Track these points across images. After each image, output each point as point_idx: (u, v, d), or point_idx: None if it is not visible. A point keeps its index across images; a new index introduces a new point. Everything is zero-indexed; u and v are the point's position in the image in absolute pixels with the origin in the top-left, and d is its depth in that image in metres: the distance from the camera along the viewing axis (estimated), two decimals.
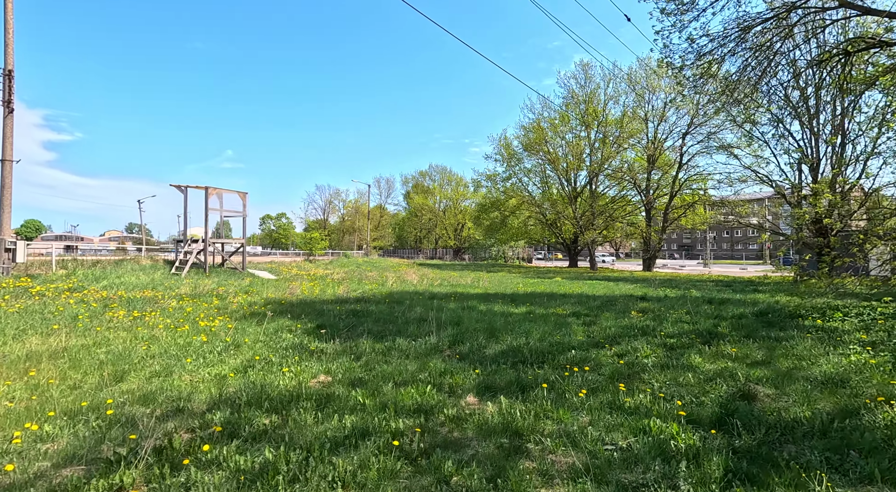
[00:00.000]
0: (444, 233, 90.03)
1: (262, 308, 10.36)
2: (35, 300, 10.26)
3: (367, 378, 5.02)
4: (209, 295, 12.24)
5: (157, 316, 9.04)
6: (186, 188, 18.91)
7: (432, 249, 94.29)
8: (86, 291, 11.85)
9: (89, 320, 8.34)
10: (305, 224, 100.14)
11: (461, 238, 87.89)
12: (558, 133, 44.25)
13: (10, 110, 12.66)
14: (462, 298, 12.65)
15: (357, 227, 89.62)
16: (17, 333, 7.25)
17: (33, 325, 7.83)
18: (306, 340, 7.03)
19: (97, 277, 14.20)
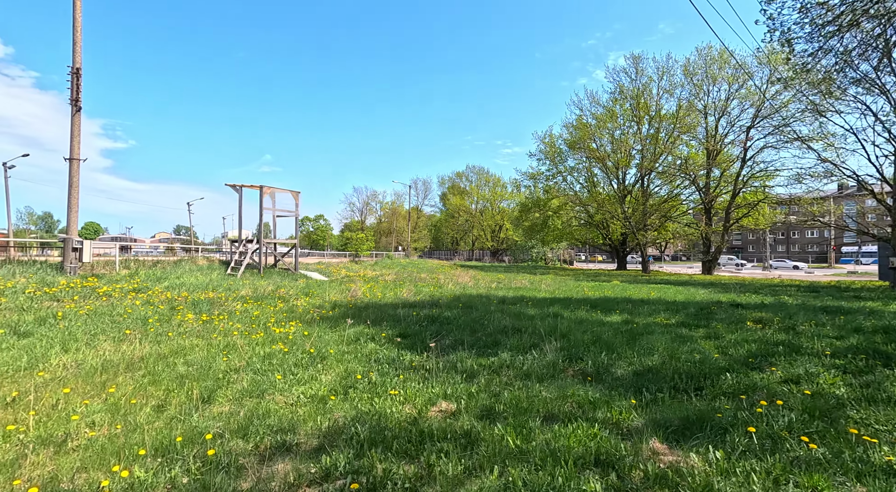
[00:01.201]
0: (481, 234, 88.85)
1: (330, 312, 9.66)
2: (103, 301, 9.96)
3: (499, 408, 4.06)
4: (271, 297, 11.70)
5: (225, 320, 8.48)
6: (241, 187, 18.73)
7: (469, 251, 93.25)
8: (150, 292, 11.56)
9: (159, 324, 7.83)
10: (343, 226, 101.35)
11: (499, 239, 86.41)
12: (606, 129, 42.32)
13: (77, 109, 12.65)
14: (538, 304, 11.57)
15: (394, 228, 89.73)
16: (90, 338, 6.77)
17: (104, 329, 7.36)
18: (396, 352, 6.17)
19: (158, 278, 14.03)
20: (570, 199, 48.16)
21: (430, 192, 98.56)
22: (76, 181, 12.85)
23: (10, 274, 11.26)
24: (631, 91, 40.11)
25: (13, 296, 9.34)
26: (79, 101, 12.68)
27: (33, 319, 7.83)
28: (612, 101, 42.43)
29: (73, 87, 12.56)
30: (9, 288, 9.97)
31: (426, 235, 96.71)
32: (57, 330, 7.18)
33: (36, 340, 6.53)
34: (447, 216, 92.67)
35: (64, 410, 4.04)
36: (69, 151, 12.74)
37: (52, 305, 9.23)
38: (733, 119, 35.29)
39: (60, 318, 7.94)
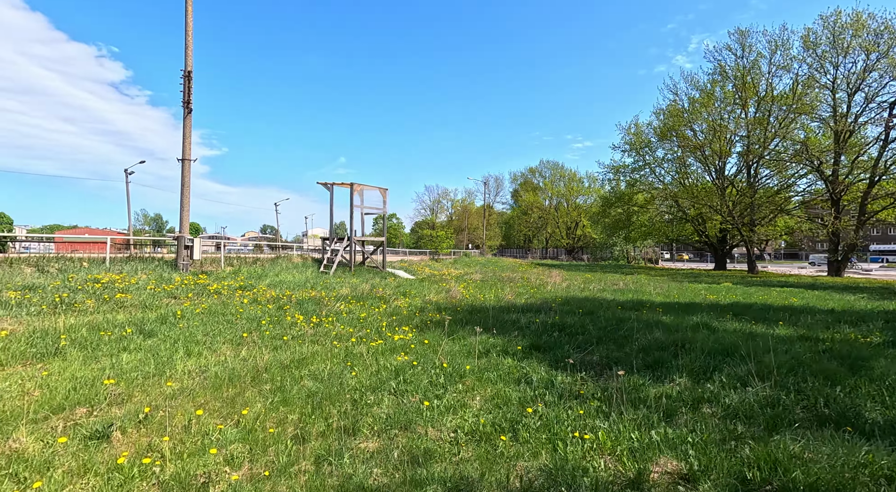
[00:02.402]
0: (555, 231, 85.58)
1: (437, 315, 8.87)
2: (214, 299, 10.01)
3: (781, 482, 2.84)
4: (371, 297, 11.22)
5: (334, 322, 7.98)
6: (333, 185, 18.83)
7: (542, 249, 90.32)
8: (255, 290, 11.60)
9: (272, 327, 7.47)
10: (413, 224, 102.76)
11: (574, 237, 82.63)
12: (703, 115, 38.16)
13: (189, 110, 13.16)
14: (668, 310, 9.95)
15: (466, 225, 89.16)
16: (209, 340, 6.48)
17: (221, 330, 7.10)
18: (546, 372, 5.12)
19: (259, 275, 14.27)
20: (658, 193, 44.25)
21: (503, 189, 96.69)
22: (188, 181, 13.39)
23: (134, 271, 11.85)
24: (734, 71, 35.76)
25: (137, 293, 9.63)
26: (190, 103, 13.18)
27: (155, 317, 7.82)
28: (712, 84, 38.20)
29: (185, 89, 13.06)
30: (133, 285, 10.36)
31: (497, 233, 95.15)
32: (178, 330, 7.03)
33: (160, 341, 6.35)
34: (519, 213, 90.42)
35: (198, 434, 3.48)
36: (181, 152, 13.29)
37: (171, 303, 9.36)
38: (871, 94, 29.97)
39: (180, 317, 7.88)
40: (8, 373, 4.93)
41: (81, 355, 5.58)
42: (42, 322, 7.06)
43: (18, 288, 8.78)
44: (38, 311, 7.58)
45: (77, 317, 7.55)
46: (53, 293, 8.70)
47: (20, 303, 7.89)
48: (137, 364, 5.30)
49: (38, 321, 7.08)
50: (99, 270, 11.45)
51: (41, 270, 10.72)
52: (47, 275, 10.37)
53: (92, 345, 5.97)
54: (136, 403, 4.15)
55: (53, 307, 7.87)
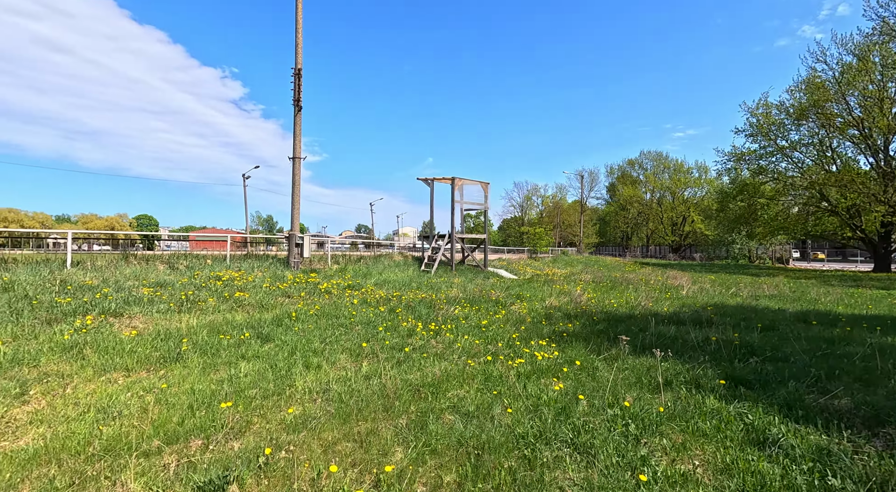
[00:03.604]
0: (658, 228, 78.29)
1: (569, 324, 7.46)
2: (325, 299, 9.62)
3: None
4: (485, 300, 10.12)
5: (454, 331, 6.97)
6: (433, 181, 18.17)
7: (642, 247, 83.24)
8: (363, 289, 11.13)
9: (390, 334, 6.65)
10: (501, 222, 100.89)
11: (681, 233, 74.74)
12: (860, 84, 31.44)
13: (299, 108, 13.24)
14: (886, 327, 7.44)
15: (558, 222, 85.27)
16: (326, 349, 5.79)
17: (337, 336, 6.43)
18: (785, 428, 3.50)
19: (364, 274, 13.96)
20: (794, 181, 37.69)
21: (598, 183, 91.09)
22: (298, 179, 13.49)
23: (251, 268, 12.09)
24: None
25: (254, 291, 9.56)
26: (300, 101, 13.24)
27: (271, 318, 7.45)
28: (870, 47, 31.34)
29: (296, 87, 13.14)
30: (250, 283, 10.40)
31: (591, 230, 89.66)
32: (293, 334, 6.51)
33: (276, 348, 5.79)
34: (617, 208, 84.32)
35: None
36: (292, 150, 13.42)
37: (285, 302, 9.10)
38: None
39: (295, 319, 7.42)
40: (132, 380, 4.56)
41: (201, 362, 5.15)
42: (168, 321, 6.97)
43: (152, 285, 9.09)
44: (167, 309, 7.60)
45: (199, 316, 7.43)
46: (180, 290, 8.85)
47: (151, 300, 8.03)
48: (255, 377, 4.68)
49: (165, 320, 7.01)
50: (221, 267, 11.81)
51: (172, 268, 11.26)
52: (177, 272, 10.83)
53: (211, 350, 5.57)
54: (255, 434, 3.39)
55: (179, 305, 7.89)
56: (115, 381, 4.55)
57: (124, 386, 4.41)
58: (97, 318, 6.70)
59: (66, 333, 5.77)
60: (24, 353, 4.94)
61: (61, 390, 4.20)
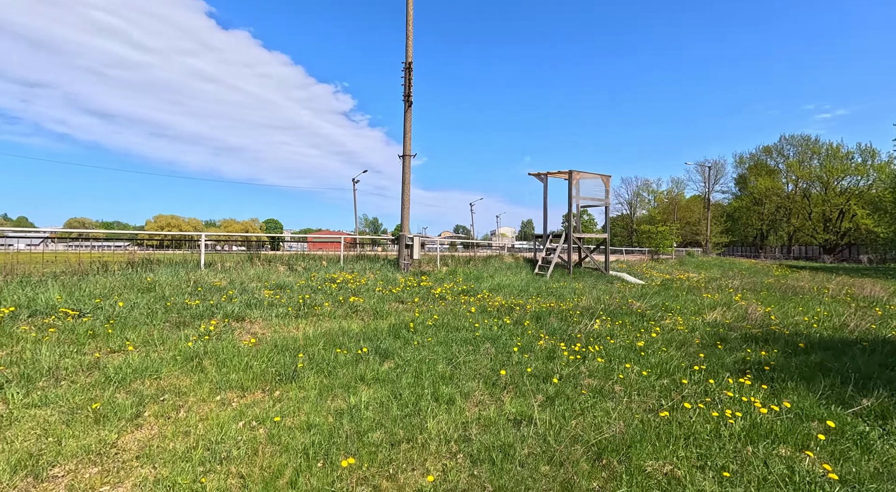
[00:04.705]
0: (803, 224, 66.38)
1: (762, 352, 5.55)
2: (441, 305, 8.77)
3: None
4: (625, 312, 8.44)
5: (605, 353, 5.54)
6: (547, 176, 16.63)
7: (782, 247, 71.28)
8: (479, 295, 10.12)
9: (526, 357, 5.44)
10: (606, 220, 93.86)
11: (837, 231, 62.30)
12: None
13: (409, 104, 12.76)
14: None
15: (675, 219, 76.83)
16: (455, 373, 4.78)
17: (464, 357, 5.40)
18: None
19: (476, 277, 12.99)
20: None
21: (723, 174, 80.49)
22: (408, 177, 13.02)
23: (363, 270, 11.83)
24: None
25: (367, 295, 9.07)
26: (410, 96, 12.74)
27: (387, 328, 6.72)
28: None
29: (406, 82, 12.67)
30: (363, 285, 10.00)
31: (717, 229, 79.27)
32: (412, 349, 5.64)
33: (398, 369, 4.94)
34: (748, 203, 73.46)
35: None
36: (402, 148, 12.99)
37: (399, 308, 8.42)
38: None
39: (413, 330, 6.60)
40: (246, 404, 3.97)
41: (318, 384, 4.45)
42: (285, 328, 6.59)
43: (272, 287, 9.06)
44: (285, 313, 7.31)
45: (315, 323, 6.98)
46: (298, 294, 8.65)
47: (271, 303, 7.86)
48: (378, 411, 3.81)
49: (282, 326, 6.64)
50: (335, 269, 11.70)
51: (291, 269, 11.39)
52: (295, 273, 10.88)
53: (328, 367, 4.88)
54: None
55: (297, 310, 7.59)
56: (228, 402, 4.01)
57: (237, 410, 3.82)
58: (221, 322, 6.54)
59: (190, 339, 5.55)
60: (148, 362, 4.69)
61: (174, 414, 3.72)
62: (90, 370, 4.47)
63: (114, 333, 5.57)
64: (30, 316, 6.09)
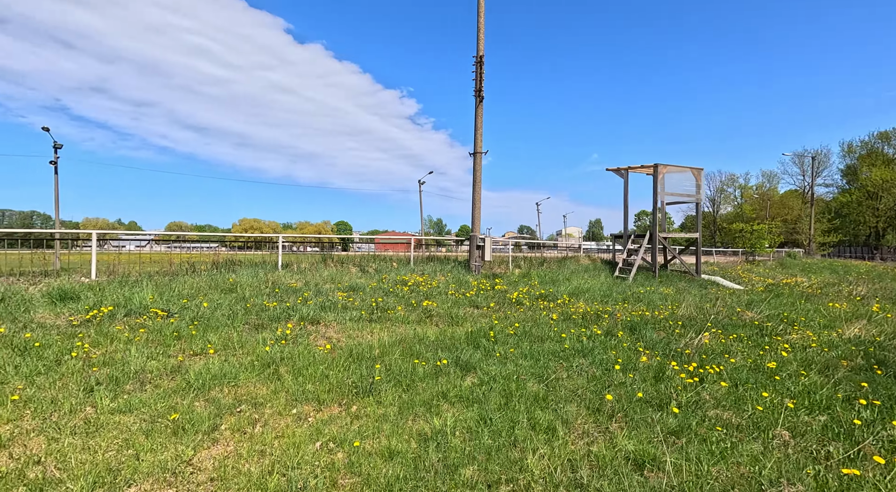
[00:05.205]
0: None
1: None
2: (519, 311, 8.14)
3: None
4: (737, 323, 7.27)
5: (729, 376, 4.61)
6: (627, 171, 15.32)
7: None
8: (559, 300, 9.34)
9: (630, 377, 4.68)
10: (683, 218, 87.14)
11: None
12: None
13: (480, 99, 12.25)
14: None
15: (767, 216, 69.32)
16: (549, 395, 4.16)
17: (556, 376, 4.76)
18: None
19: (552, 280, 12.16)
20: None
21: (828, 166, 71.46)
22: (479, 176, 12.51)
23: (433, 272, 11.49)
24: None
25: (440, 299, 8.67)
26: (481, 91, 12.22)
27: (465, 336, 6.23)
28: None
29: (477, 76, 12.17)
30: (434, 288, 9.63)
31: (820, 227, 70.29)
32: (496, 362, 5.10)
33: (483, 385, 4.41)
34: (861, 197, 64.59)
35: None
36: (473, 145, 12.50)
37: (474, 314, 7.92)
38: None
39: (493, 340, 6.05)
40: (323, 420, 3.65)
41: (397, 399, 4.05)
42: (360, 332, 6.33)
43: (345, 289, 8.96)
44: (358, 316, 7.10)
45: (389, 328, 6.67)
46: (370, 296, 8.46)
47: (345, 306, 7.70)
48: (467, 438, 3.31)
49: (357, 331, 6.39)
50: (405, 270, 11.48)
51: (362, 270, 11.33)
52: (367, 275, 10.78)
53: (406, 380, 4.48)
54: None
55: (370, 313, 7.35)
56: (305, 417, 3.71)
57: (314, 427, 3.50)
58: (297, 325, 6.42)
59: (267, 343, 5.44)
60: (227, 368, 4.57)
61: (250, 429, 3.47)
62: (173, 374, 4.42)
63: (197, 335, 5.60)
64: (125, 315, 6.34)
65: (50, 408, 3.60)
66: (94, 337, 5.31)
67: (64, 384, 4.03)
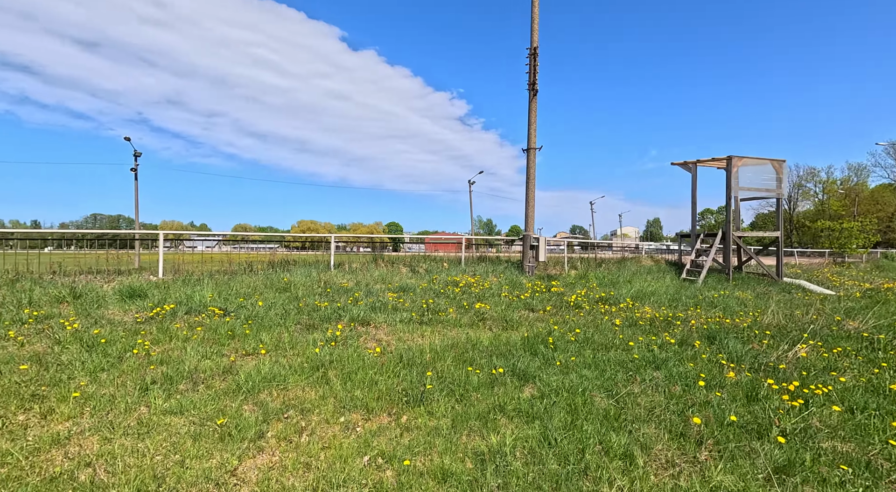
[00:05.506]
0: None
1: None
2: (579, 316, 7.58)
3: None
4: (841, 336, 6.31)
5: (842, 400, 3.88)
6: (696, 164, 14.11)
7: None
8: (622, 304, 8.65)
9: (718, 395, 4.06)
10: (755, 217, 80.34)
11: None
12: None
13: (534, 92, 11.72)
14: None
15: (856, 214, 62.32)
16: (627, 415, 3.68)
17: (627, 387, 4.24)
18: None
19: (612, 282, 11.39)
20: None
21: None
22: (533, 172, 11.98)
23: (485, 273, 11.11)
24: None
25: (493, 301, 8.29)
26: (535, 84, 11.70)
27: (521, 342, 5.81)
28: None
29: (531, 69, 11.65)
30: (487, 290, 9.26)
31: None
32: (556, 372, 4.65)
33: (543, 398, 3.99)
34: None
35: None
36: (526, 141, 11.99)
37: (529, 317, 7.46)
38: None
39: (552, 347, 5.58)
40: (371, 431, 3.41)
41: (450, 410, 3.74)
42: (410, 335, 6.09)
43: (395, 290, 8.80)
44: (408, 318, 6.88)
45: (440, 331, 6.39)
46: (421, 298, 8.24)
47: (395, 307, 7.52)
48: (529, 463, 2.93)
49: (407, 333, 6.16)
50: (456, 271, 11.19)
51: (413, 270, 11.17)
52: (417, 275, 10.60)
53: (460, 389, 4.15)
54: None
55: (420, 315, 7.12)
56: (353, 426, 3.49)
57: (362, 439, 3.26)
58: (347, 326, 6.30)
59: (317, 345, 5.32)
60: (277, 369, 4.47)
61: (296, 438, 3.29)
62: (224, 375, 4.38)
63: (250, 335, 5.59)
64: (185, 313, 6.51)
65: (107, 406, 3.63)
66: (156, 334, 5.45)
67: (122, 382, 4.08)
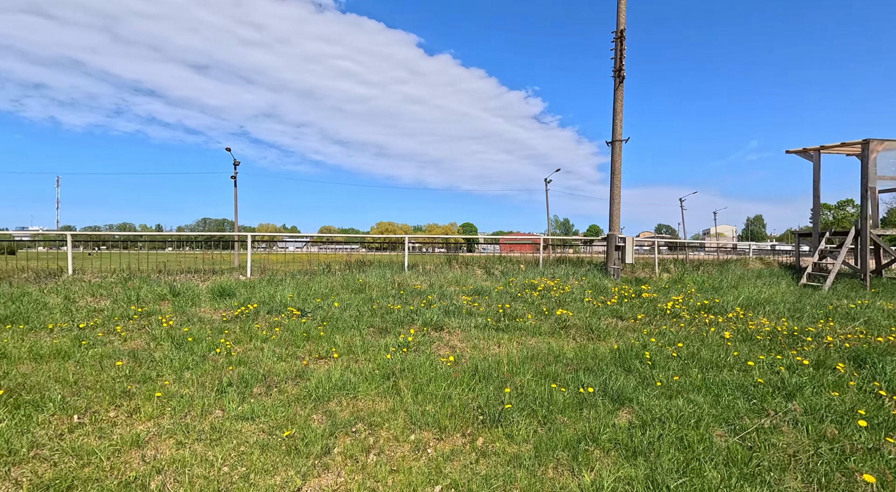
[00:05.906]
0: None
1: None
2: (678, 327, 6.66)
3: None
4: None
5: None
6: (819, 152, 12.05)
7: None
8: (730, 314, 7.49)
9: (892, 440, 3.16)
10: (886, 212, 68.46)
11: None
12: None
13: (620, 79, 10.73)
14: None
15: None
16: (755, 457, 2.95)
17: (765, 428, 3.46)
18: None
19: (712, 287, 10.05)
20: None
21: None
22: (619, 166, 10.98)
23: (565, 276, 10.36)
24: None
25: (575, 306, 7.61)
26: (622, 70, 10.70)
27: (610, 355, 5.14)
28: None
29: (617, 54, 10.68)
30: (568, 293, 8.57)
31: None
32: (657, 395, 3.97)
33: (644, 427, 3.36)
34: None
35: None
36: (611, 133, 11.01)
37: (618, 326, 6.69)
38: None
39: (649, 362, 4.86)
40: (444, 454, 3.06)
41: (531, 437, 3.27)
42: (486, 343, 5.69)
43: (470, 292, 8.45)
44: (484, 324, 6.48)
45: (518, 338, 5.90)
46: (497, 301, 7.80)
47: (469, 311, 7.17)
48: None
49: (483, 340, 5.77)
50: (534, 273, 10.57)
51: (488, 272, 10.76)
52: (492, 277, 10.17)
53: (542, 410, 3.66)
54: None
55: (496, 320, 6.69)
56: (424, 448, 3.16)
57: (434, 464, 2.92)
58: (419, 331, 6.05)
59: (389, 350, 5.12)
60: (347, 376, 4.30)
61: (363, 457, 3.03)
62: (297, 379, 4.30)
63: (324, 337, 5.55)
64: (267, 313, 6.70)
65: (185, 407, 3.66)
66: (238, 334, 5.60)
67: (202, 382, 4.15)
